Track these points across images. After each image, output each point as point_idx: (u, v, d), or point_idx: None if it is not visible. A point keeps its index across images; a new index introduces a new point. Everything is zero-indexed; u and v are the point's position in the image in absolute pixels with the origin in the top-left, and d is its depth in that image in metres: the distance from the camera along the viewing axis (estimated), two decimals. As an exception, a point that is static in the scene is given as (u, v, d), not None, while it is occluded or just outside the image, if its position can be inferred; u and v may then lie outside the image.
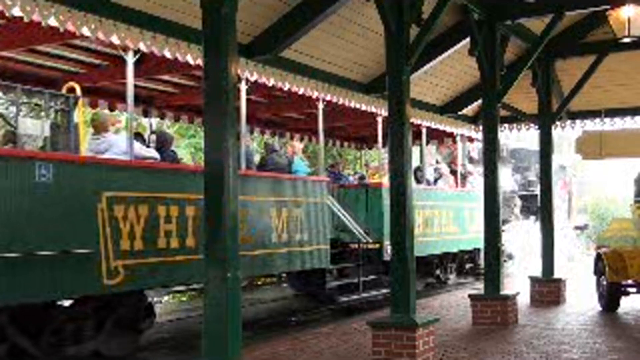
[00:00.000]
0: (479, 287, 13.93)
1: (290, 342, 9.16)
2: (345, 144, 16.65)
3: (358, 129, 15.06)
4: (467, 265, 16.57)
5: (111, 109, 10.52)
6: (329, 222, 11.20)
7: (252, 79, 9.05)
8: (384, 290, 12.08)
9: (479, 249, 16.10)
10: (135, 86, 9.60)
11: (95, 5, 6.87)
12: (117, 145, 8.04)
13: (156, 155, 8.66)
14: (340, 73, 10.64)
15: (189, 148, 19.96)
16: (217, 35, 5.82)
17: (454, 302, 12.66)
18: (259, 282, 16.22)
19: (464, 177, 16.70)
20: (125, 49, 7.57)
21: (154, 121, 11.97)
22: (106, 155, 7.86)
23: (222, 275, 5.64)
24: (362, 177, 14.31)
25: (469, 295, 10.39)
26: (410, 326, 7.56)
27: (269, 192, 9.83)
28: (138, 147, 8.26)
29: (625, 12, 9.99)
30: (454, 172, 16.05)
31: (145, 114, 11.43)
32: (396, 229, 7.83)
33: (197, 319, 11.28)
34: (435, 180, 15.60)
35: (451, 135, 15.10)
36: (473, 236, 15.53)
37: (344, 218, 12.05)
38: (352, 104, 11.13)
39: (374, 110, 11.67)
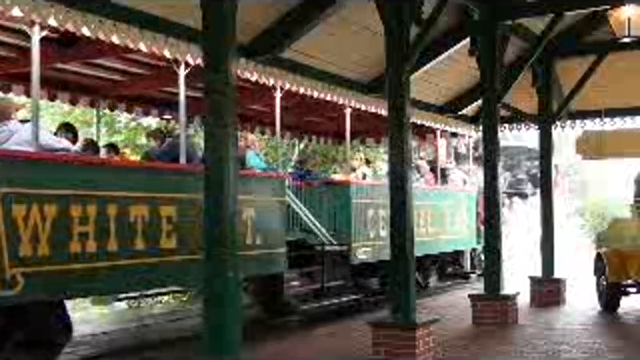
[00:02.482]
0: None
1: (290, 343, 9.17)
2: (322, 139, 15.57)
3: (328, 123, 14.10)
4: (449, 269, 15.71)
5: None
6: (286, 222, 10.00)
7: (253, 79, 9.04)
8: (353, 297, 11.50)
9: (462, 251, 15.75)
10: (69, 72, 9.28)
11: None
12: (20, 134, 6.98)
13: (69, 146, 7.78)
14: (340, 73, 10.64)
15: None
16: (217, 35, 5.82)
17: (454, 302, 12.65)
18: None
19: (445, 174, 16.08)
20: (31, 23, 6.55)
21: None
22: (5, 146, 6.80)
23: (222, 275, 5.64)
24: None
25: (469, 295, 10.39)
26: (410, 326, 7.56)
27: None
28: (46, 137, 7.25)
29: (625, 12, 9.99)
30: (433, 170, 15.30)
31: (92, 105, 10.61)
32: (396, 229, 7.83)
33: (194, 320, 11.23)
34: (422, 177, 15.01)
35: (433, 131, 14.49)
36: (455, 237, 14.83)
37: (306, 218, 11.12)
38: (353, 104, 11.13)
39: (341, 101, 10.86)
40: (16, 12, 6.22)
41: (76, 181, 6.89)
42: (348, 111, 11.23)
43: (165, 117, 11.81)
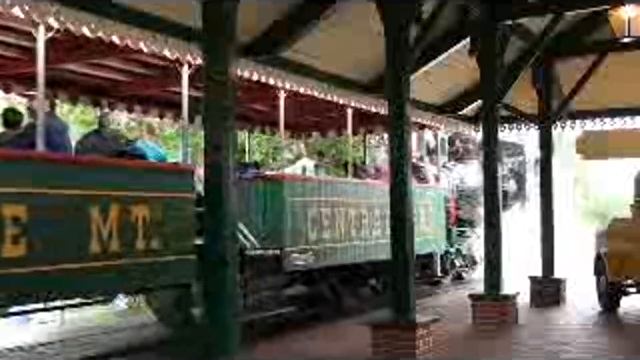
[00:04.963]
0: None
1: (289, 343, 9.17)
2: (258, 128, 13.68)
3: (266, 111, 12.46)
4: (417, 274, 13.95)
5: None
6: (195, 223, 8.13)
7: (254, 78, 9.02)
8: (287, 309, 9.94)
9: (431, 255, 14.08)
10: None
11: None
12: None
13: None
14: (340, 73, 10.64)
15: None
16: (217, 35, 5.82)
17: (454, 302, 12.65)
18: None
19: (417, 170, 14.82)
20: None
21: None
22: None
23: (221, 276, 5.65)
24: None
25: (469, 295, 10.38)
26: (410, 326, 7.56)
27: (84, 183, 6.97)
28: None
29: (625, 12, 10.00)
30: None
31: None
32: (396, 228, 7.83)
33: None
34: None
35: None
36: (422, 239, 12.99)
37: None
38: (353, 104, 11.12)
39: (272, 82, 9.41)
40: (16, 11, 6.22)
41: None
42: (281, 94, 9.83)
43: (28, 93, 9.46)
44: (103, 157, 7.62)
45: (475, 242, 17.42)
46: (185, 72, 8.06)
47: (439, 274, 14.91)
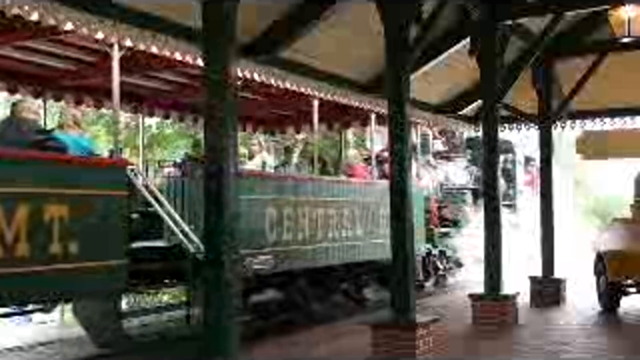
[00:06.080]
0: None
1: (289, 343, 9.16)
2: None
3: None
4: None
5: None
6: (126, 224, 7.41)
7: (256, 78, 9.00)
8: (243, 318, 8.63)
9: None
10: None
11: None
12: None
13: None
14: (340, 73, 10.64)
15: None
16: (217, 35, 5.82)
17: (454, 302, 12.65)
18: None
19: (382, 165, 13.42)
20: None
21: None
22: None
23: (221, 276, 5.65)
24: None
25: (469, 295, 10.38)
26: (410, 326, 7.56)
27: None
28: None
29: (625, 12, 10.00)
30: (366, 160, 13.52)
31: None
32: (396, 228, 7.83)
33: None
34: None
35: (365, 114, 12.24)
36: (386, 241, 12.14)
37: (167, 218, 8.20)
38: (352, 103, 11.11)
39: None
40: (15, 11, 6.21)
41: None
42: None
43: None
44: (8, 149, 6.61)
45: (461, 243, 16.46)
46: (116, 56, 7.42)
47: (421, 277, 14.15)
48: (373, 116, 12.03)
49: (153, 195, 8.13)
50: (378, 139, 14.03)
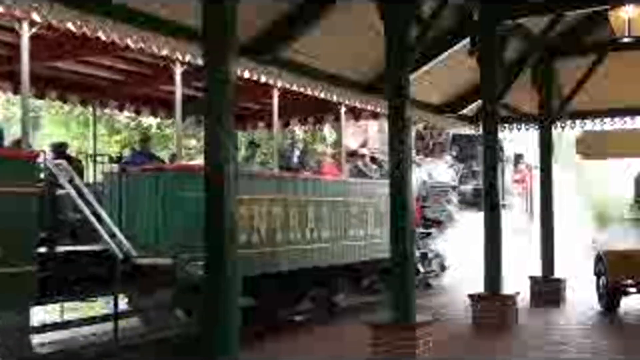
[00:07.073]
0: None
1: (289, 343, 9.16)
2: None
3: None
4: (364, 282, 12.17)
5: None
6: (35, 224, 6.58)
7: (254, 79, 9.00)
8: (175, 330, 8.43)
9: (378, 261, 11.55)
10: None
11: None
12: None
13: None
14: (340, 73, 10.63)
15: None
16: (217, 35, 5.82)
17: (454, 302, 12.64)
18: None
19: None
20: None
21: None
22: None
23: (220, 276, 5.64)
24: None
25: (469, 295, 10.38)
26: (410, 326, 7.56)
27: None
28: None
29: (625, 12, 9.99)
30: (335, 157, 12.94)
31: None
32: (396, 228, 7.83)
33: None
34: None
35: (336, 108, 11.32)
36: (375, 242, 11.50)
37: (93, 219, 7.47)
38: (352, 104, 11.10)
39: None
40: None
41: None
42: (177, 70, 8.18)
43: None
44: None
45: (444, 245, 15.82)
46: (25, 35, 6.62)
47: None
48: (342, 109, 11.19)
49: (80, 193, 7.41)
50: (360, 134, 13.65)
